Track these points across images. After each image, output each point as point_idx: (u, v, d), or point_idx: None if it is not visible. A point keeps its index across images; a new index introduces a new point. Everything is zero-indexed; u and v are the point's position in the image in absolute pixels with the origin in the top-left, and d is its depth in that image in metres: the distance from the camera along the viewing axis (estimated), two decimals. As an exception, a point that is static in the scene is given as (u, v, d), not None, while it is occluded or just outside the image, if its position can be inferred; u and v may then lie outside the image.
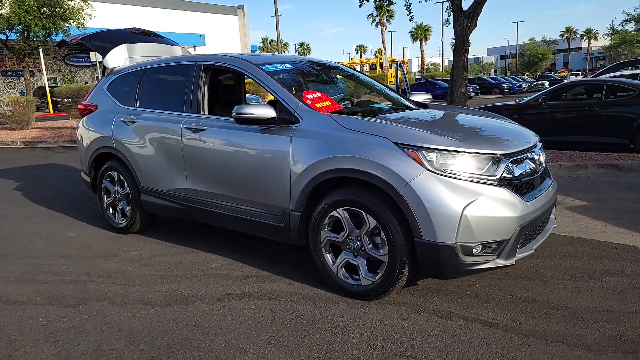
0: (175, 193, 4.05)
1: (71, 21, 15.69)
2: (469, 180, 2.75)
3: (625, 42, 40.25)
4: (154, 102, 4.33)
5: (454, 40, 7.38)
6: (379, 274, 2.96)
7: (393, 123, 3.10)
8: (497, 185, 2.80)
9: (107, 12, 25.81)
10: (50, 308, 3.15)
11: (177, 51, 5.56)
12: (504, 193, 2.80)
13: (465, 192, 2.72)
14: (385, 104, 3.98)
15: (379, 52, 53.78)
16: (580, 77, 50.20)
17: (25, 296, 3.35)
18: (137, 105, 4.44)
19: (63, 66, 32.34)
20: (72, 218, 5.35)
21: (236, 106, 3.35)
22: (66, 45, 5.35)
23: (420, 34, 63.34)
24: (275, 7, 27.18)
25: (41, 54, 20.59)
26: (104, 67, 5.02)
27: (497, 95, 35.15)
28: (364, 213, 2.94)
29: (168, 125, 4.01)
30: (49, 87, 23.72)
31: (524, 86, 39.31)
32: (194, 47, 34.77)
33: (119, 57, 5.00)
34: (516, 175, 2.92)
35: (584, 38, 78.39)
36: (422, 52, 64.01)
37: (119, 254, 4.13)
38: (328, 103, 3.43)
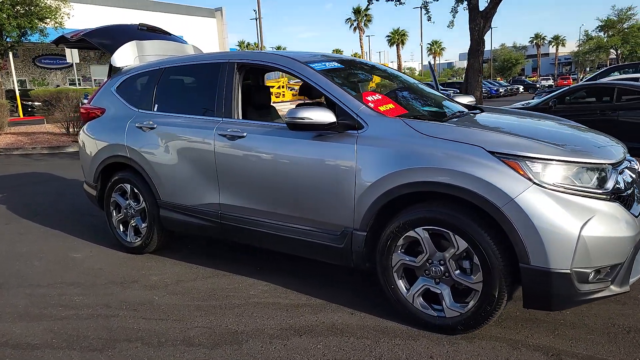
0: (204, 209, 3.55)
1: (48, 20, 14.84)
2: (581, 195, 2.37)
3: (600, 48, 41.19)
4: (176, 105, 3.82)
5: (469, 42, 7.09)
6: (470, 305, 2.54)
7: (480, 129, 2.70)
8: (609, 200, 2.42)
9: (84, 13, 24.82)
10: (73, 353, 2.62)
11: (189, 50, 5.05)
12: (618, 209, 2.42)
13: (580, 210, 2.33)
14: (443, 108, 3.57)
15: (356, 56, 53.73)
16: (550, 82, 51.32)
17: (37, 337, 2.80)
18: (155, 109, 3.92)
19: (33, 68, 31.00)
20: (71, 236, 4.76)
21: (289, 109, 2.89)
22: (65, 42, 4.78)
23: (397, 38, 63.63)
24: (258, 7, 26.63)
25: (10, 54, 19.52)
26: (111, 67, 4.48)
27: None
28: (451, 234, 2.52)
29: (197, 132, 3.52)
30: (23, 90, 22.56)
31: (501, 90, 39.91)
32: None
33: (127, 56, 4.47)
34: (623, 187, 2.55)
35: (552, 44, 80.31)
36: (399, 56, 64.28)
37: (138, 280, 3.60)
38: (391, 106, 3.00)
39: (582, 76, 46.70)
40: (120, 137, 3.99)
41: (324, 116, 2.82)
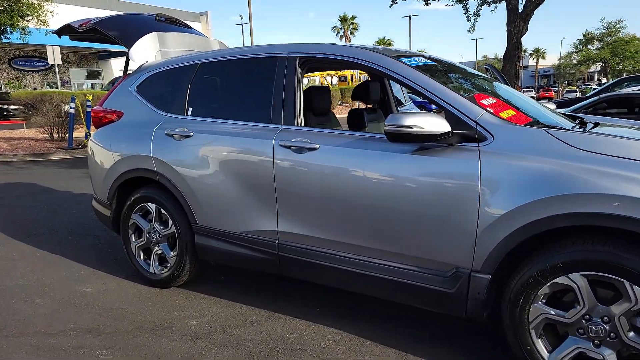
0: (256, 237, 2.87)
1: (30, 18, 13.91)
2: None
3: (589, 60, 41.74)
4: (217, 109, 3.14)
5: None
6: (646, 377, 1.92)
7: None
8: None
9: (65, 13, 23.80)
10: None
11: (215, 45, 4.37)
12: None
13: None
14: (558, 116, 2.96)
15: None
16: (532, 94, 51.91)
17: (56, 417, 2.08)
18: (189, 113, 3.23)
19: (8, 70, 29.69)
20: (75, 262, 4.01)
21: (390, 115, 2.25)
22: (71, 33, 4.05)
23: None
24: (249, 10, 25.97)
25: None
26: (127, 61, 3.77)
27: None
28: (625, 283, 1.90)
29: (249, 142, 2.84)
30: (2, 92, 21.38)
31: (488, 100, 40.18)
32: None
33: (148, 50, 3.77)
34: None
35: (533, 57, 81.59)
36: (383, 65, 63.94)
37: (173, 325, 2.89)
38: (512, 112, 2.39)
39: (562, 88, 47.26)
40: (144, 146, 3.28)
41: (438, 125, 2.18)
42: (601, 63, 40.83)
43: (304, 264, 2.73)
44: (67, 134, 11.83)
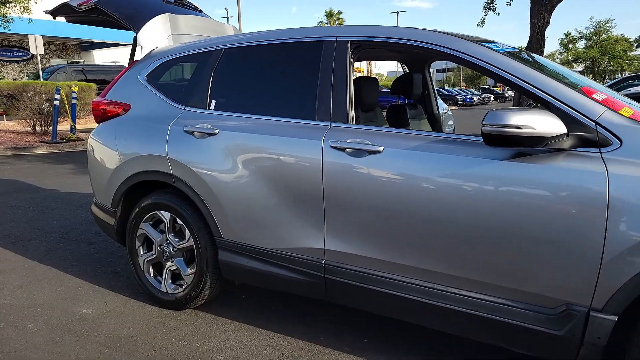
0: (298, 256, 2.41)
1: (12, 4, 13.12)
2: None
3: (578, 59, 41.94)
4: (247, 102, 2.66)
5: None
6: None
7: None
8: None
9: (43, 3, 22.85)
10: None
11: (229, 30, 3.88)
12: None
13: None
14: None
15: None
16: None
17: None
18: (212, 107, 2.75)
19: (-14, 60, 28.49)
20: (70, 275, 3.49)
21: (490, 113, 1.81)
22: (68, 13, 3.52)
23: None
24: (238, 3, 25.25)
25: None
26: (134, 47, 3.26)
27: (453, 107, 35.27)
28: None
29: (290, 143, 2.37)
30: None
31: (474, 99, 40.30)
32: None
33: (158, 33, 3.27)
34: None
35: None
36: (369, 61, 63.83)
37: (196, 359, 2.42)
38: (630, 111, 1.96)
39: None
40: (157, 145, 2.79)
41: (552, 125, 1.75)
42: (587, 62, 41.07)
43: (358, 290, 2.27)
44: (51, 127, 11.16)
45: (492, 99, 45.69)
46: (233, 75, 2.75)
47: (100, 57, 35.94)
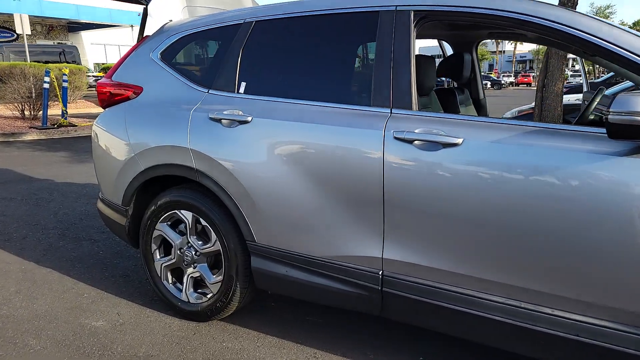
0: (349, 265, 2.06)
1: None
2: None
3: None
4: (285, 84, 2.28)
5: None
6: None
7: None
8: None
9: (32, -21, 22.02)
10: None
11: (248, 3, 3.46)
12: None
13: None
14: None
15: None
16: (512, 79, 51.64)
17: None
18: (241, 90, 2.36)
19: (-35, 42, 27.54)
20: (73, 280, 3.12)
21: (620, 96, 1.46)
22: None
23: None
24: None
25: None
26: (144, 20, 2.85)
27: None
28: None
29: (342, 133, 2.01)
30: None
31: (470, 85, 39.74)
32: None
33: (172, 5, 2.86)
34: None
35: (511, 42, 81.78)
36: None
37: (232, 388, 2.07)
38: None
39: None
40: (177, 134, 2.41)
41: None
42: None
43: (422, 307, 1.93)
44: (41, 112, 10.64)
45: (488, 85, 45.06)
46: (267, 53, 2.36)
47: (88, 38, 34.99)
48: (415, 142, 1.85)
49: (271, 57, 2.35)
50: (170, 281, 2.66)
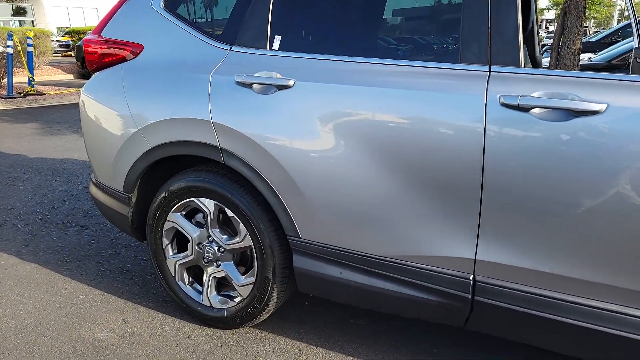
0: (429, 268, 1.65)
1: None
2: None
3: (559, 4, 41.17)
4: (337, 37, 1.79)
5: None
6: None
7: None
8: None
9: None
10: None
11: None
12: None
13: None
14: None
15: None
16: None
17: None
18: (275, 46, 1.86)
19: None
20: (63, 277, 2.65)
21: None
22: None
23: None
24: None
25: None
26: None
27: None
28: None
29: (423, 99, 1.55)
30: None
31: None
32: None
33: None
34: None
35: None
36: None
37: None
38: None
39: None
40: (194, 103, 1.91)
41: None
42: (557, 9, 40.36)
43: (525, 320, 1.54)
44: (5, 79, 9.75)
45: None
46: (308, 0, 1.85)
47: (50, 1, 32.93)
48: (535, 109, 1.41)
49: (316, 1, 1.84)
50: (187, 282, 2.21)
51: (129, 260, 2.83)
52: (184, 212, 2.14)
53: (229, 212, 1.98)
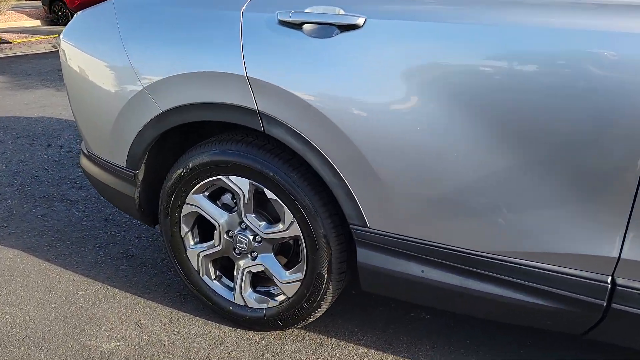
0: (549, 268, 1.25)
1: None
2: None
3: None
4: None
5: None
6: None
7: None
8: None
9: None
10: None
11: None
12: None
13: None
14: None
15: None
16: None
17: None
18: (332, -28, 1.36)
19: None
20: (57, 267, 2.22)
21: None
22: None
23: None
24: None
25: None
26: None
27: None
28: None
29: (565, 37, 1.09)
30: None
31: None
32: None
33: None
34: None
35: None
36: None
37: None
38: None
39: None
40: (220, 51, 1.43)
41: None
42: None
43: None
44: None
45: None
46: None
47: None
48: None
49: None
50: (213, 276, 1.80)
51: (133, 243, 2.40)
52: (207, 193, 1.69)
53: (270, 194, 1.54)
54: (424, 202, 1.32)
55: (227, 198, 1.71)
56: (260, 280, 1.76)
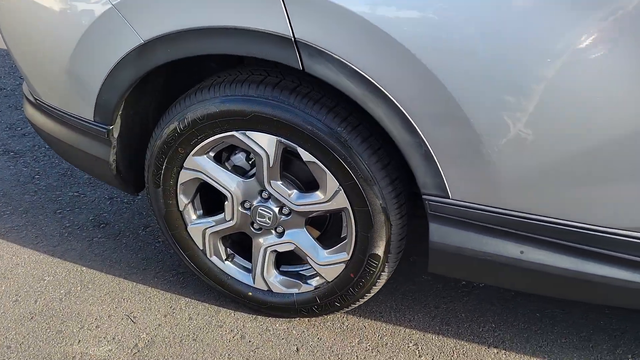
0: None
1: None
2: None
3: None
4: None
5: None
6: None
7: None
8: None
9: None
10: None
11: None
12: None
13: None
14: None
15: None
16: None
17: None
18: None
19: None
20: (23, 248, 1.75)
21: None
22: None
23: None
24: None
25: None
26: None
27: None
28: None
29: None
30: None
31: None
32: None
33: None
34: None
35: None
36: None
37: None
38: None
39: None
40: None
41: None
42: None
43: None
44: None
45: None
46: None
47: None
48: None
49: None
50: (224, 256, 1.40)
51: (104, 207, 1.94)
52: (212, 154, 1.25)
53: (306, 155, 1.13)
54: (541, 165, 0.95)
55: (239, 158, 1.28)
56: (282, 256, 1.39)
